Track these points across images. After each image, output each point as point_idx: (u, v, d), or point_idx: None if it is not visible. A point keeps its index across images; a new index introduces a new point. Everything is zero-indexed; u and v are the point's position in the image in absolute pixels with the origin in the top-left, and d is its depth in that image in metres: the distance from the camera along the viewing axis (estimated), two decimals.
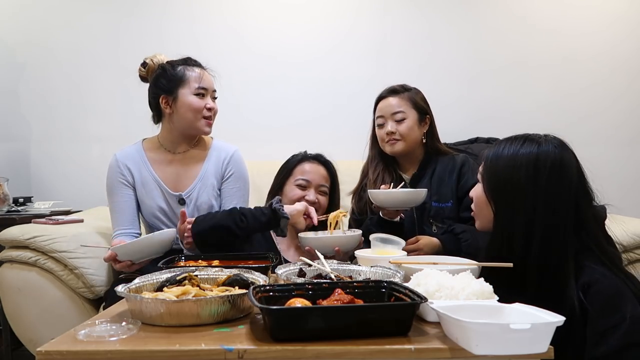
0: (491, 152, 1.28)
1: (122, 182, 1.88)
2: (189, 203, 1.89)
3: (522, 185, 1.20)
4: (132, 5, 2.84)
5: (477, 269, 1.19)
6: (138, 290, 1.07)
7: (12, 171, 2.72)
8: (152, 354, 0.82)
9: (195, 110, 1.85)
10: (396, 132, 1.87)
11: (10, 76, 2.86)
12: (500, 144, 1.29)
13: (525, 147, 1.23)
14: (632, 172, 2.83)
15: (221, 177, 1.94)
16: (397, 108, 1.88)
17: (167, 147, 1.93)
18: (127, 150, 1.93)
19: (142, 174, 1.89)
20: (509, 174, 1.22)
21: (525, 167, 1.20)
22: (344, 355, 0.81)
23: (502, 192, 1.23)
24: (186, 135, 1.91)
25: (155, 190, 1.89)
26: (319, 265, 1.28)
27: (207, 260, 1.41)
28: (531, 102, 2.83)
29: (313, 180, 1.88)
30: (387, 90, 1.94)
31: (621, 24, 2.83)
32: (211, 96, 1.90)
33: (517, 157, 1.22)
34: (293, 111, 2.84)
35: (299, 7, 2.84)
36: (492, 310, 0.91)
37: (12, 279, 1.90)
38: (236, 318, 0.99)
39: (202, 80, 1.86)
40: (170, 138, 1.92)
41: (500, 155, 1.25)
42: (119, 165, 1.89)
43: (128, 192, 1.89)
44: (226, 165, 1.94)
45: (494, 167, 1.26)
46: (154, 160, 1.92)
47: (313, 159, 1.95)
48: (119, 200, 1.88)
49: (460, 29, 2.84)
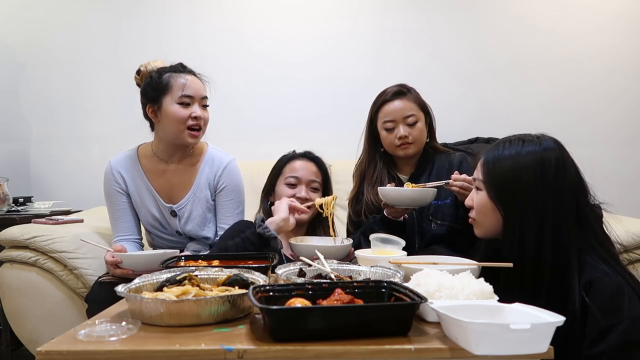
0: (490, 155, 1.26)
1: (117, 189, 1.88)
2: (181, 216, 1.87)
3: (530, 186, 1.19)
4: (132, 5, 2.84)
5: (477, 269, 1.20)
6: (138, 290, 1.07)
7: (12, 171, 2.72)
8: (152, 354, 0.82)
9: (177, 120, 1.77)
10: (409, 136, 1.83)
11: (10, 76, 2.86)
12: (497, 146, 1.27)
13: (527, 147, 1.23)
14: (632, 172, 2.83)
15: (214, 190, 1.91)
16: (409, 111, 1.84)
17: (160, 156, 1.89)
18: (121, 158, 1.91)
19: (136, 183, 1.88)
20: (515, 176, 1.21)
21: (532, 168, 1.20)
22: (344, 355, 0.81)
23: (510, 195, 1.21)
24: (175, 145, 1.86)
25: (149, 199, 1.87)
26: (319, 265, 1.28)
27: (207, 260, 1.41)
28: (531, 102, 2.83)
29: (303, 177, 1.89)
30: (391, 93, 1.87)
31: (621, 24, 2.83)
32: (200, 104, 1.81)
33: (521, 158, 1.21)
34: (292, 111, 2.84)
35: (298, 7, 2.84)
36: (492, 310, 0.91)
37: (12, 279, 1.90)
38: (236, 318, 0.99)
39: (187, 88, 1.78)
40: (162, 147, 1.88)
41: (502, 158, 1.24)
42: (112, 173, 1.87)
43: (123, 199, 1.88)
44: (219, 178, 1.89)
45: (497, 171, 1.24)
46: (147, 169, 1.89)
47: (302, 156, 1.95)
48: (116, 208, 1.89)
49: (460, 29, 2.84)
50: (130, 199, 1.89)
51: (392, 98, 1.87)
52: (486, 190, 1.26)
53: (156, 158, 1.89)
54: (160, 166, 1.89)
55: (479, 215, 1.29)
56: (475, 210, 1.30)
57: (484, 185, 1.26)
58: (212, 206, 1.92)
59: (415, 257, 1.37)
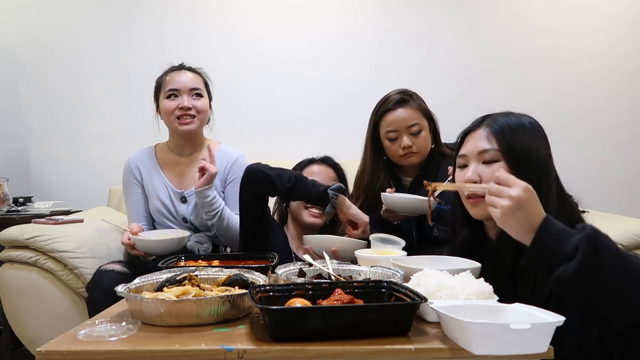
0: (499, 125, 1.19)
1: (133, 181, 2.02)
2: (190, 201, 1.96)
3: (542, 153, 1.16)
4: (132, 5, 2.84)
5: (477, 269, 1.19)
6: (138, 290, 1.07)
7: (12, 171, 2.71)
8: (152, 354, 0.82)
9: (167, 113, 1.94)
10: (413, 146, 1.79)
11: (10, 76, 2.86)
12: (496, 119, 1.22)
13: (522, 118, 1.21)
14: (632, 172, 2.83)
15: (224, 181, 2.00)
16: (413, 120, 1.79)
17: (174, 151, 2.04)
18: (140, 152, 2.07)
19: (151, 173, 2.01)
20: (532, 144, 1.16)
21: (541, 135, 1.19)
22: (344, 355, 0.81)
23: (530, 164, 1.14)
24: (180, 137, 2.00)
25: (160, 187, 1.99)
26: (319, 265, 1.28)
27: (207, 260, 1.42)
28: (530, 102, 2.82)
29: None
30: (393, 102, 1.81)
31: (621, 24, 2.83)
32: (188, 95, 1.92)
33: (527, 127, 1.18)
34: (293, 110, 2.84)
35: (299, 7, 2.84)
36: (492, 310, 0.91)
37: (12, 279, 1.90)
38: (236, 318, 0.99)
39: (171, 82, 1.94)
40: (173, 141, 2.04)
41: (514, 126, 1.18)
42: (130, 166, 2.03)
43: (138, 190, 2.02)
44: (229, 170, 2.00)
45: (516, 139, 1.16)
46: (163, 161, 2.04)
47: (321, 162, 1.94)
48: (131, 199, 2.03)
49: (459, 28, 2.84)
50: (144, 190, 2.02)
51: (395, 107, 1.80)
52: (504, 160, 1.16)
53: (171, 152, 2.04)
54: (174, 158, 2.03)
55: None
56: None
57: (502, 155, 1.16)
58: (221, 196, 1.96)
59: (415, 258, 1.37)
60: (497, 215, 0.97)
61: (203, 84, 1.99)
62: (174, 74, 1.96)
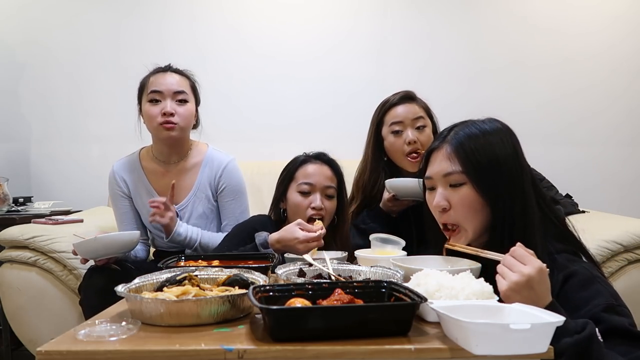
0: (457, 141, 1.16)
1: (119, 193, 1.91)
2: (182, 216, 1.88)
3: (509, 165, 1.14)
4: (132, 5, 2.84)
5: (477, 269, 1.19)
6: (138, 290, 1.07)
7: (12, 171, 2.72)
8: (152, 354, 0.82)
9: (149, 118, 1.81)
10: (417, 141, 1.74)
11: (10, 76, 2.87)
12: (456, 133, 1.18)
13: (486, 124, 1.18)
14: (632, 172, 2.83)
15: (215, 191, 1.92)
16: (419, 113, 1.77)
17: (159, 158, 1.91)
18: (124, 162, 1.94)
19: (137, 185, 1.90)
20: (496, 157, 1.13)
21: (511, 146, 1.15)
22: (344, 355, 0.81)
23: (497, 180, 1.12)
24: (164, 144, 1.87)
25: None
26: (319, 265, 1.28)
27: (207, 260, 1.42)
28: (531, 102, 2.83)
29: (317, 183, 1.71)
30: (398, 97, 1.80)
31: (621, 24, 2.83)
32: (172, 99, 1.79)
33: (490, 136, 1.15)
34: (293, 111, 2.84)
35: (299, 7, 2.84)
36: (492, 310, 0.91)
37: (12, 279, 1.90)
38: (236, 318, 0.98)
39: (155, 84, 1.80)
40: (158, 149, 1.91)
41: (473, 139, 1.14)
42: (115, 177, 1.92)
43: (126, 202, 1.93)
44: (219, 179, 1.90)
45: (477, 155, 1.13)
46: (149, 171, 1.92)
47: (315, 159, 1.79)
48: (120, 212, 1.93)
49: (460, 28, 2.84)
50: (133, 202, 1.92)
51: (400, 101, 1.79)
52: (470, 181, 1.14)
53: (156, 160, 1.92)
54: (160, 168, 1.91)
55: (464, 216, 1.16)
56: (457, 211, 1.16)
57: (465, 176, 1.14)
58: (214, 207, 1.93)
59: (415, 258, 1.36)
60: (503, 288, 0.96)
61: (189, 87, 1.87)
62: (158, 75, 1.83)
